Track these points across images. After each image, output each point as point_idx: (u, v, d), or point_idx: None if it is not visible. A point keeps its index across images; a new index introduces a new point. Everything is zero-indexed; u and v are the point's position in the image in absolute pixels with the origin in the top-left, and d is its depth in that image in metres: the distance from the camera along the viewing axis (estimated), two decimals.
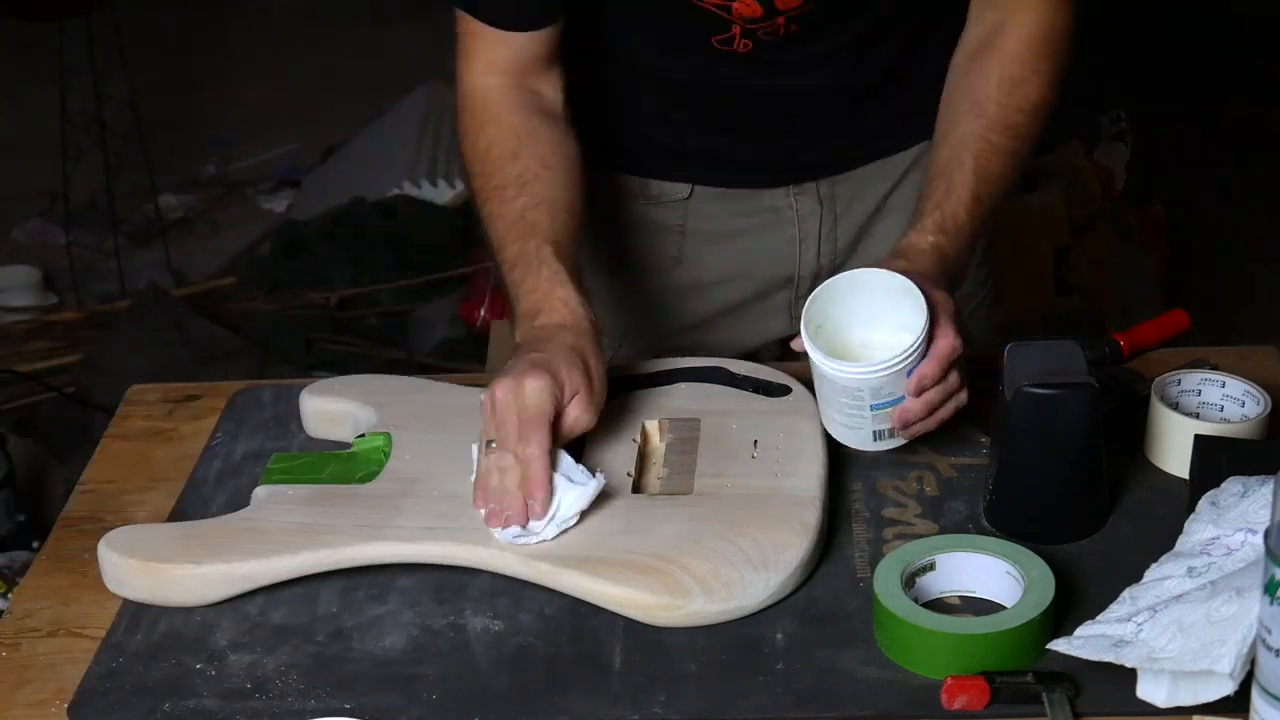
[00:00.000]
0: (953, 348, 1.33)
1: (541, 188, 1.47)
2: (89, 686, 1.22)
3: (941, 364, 1.33)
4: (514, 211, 1.46)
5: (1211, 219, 3.86)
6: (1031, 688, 1.15)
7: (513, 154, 1.49)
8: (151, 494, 1.46)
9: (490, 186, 1.48)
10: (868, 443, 1.38)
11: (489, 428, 1.32)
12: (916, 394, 1.33)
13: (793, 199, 1.66)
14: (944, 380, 1.34)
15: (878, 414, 1.35)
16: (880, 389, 1.33)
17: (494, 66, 1.51)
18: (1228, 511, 1.22)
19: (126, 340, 3.19)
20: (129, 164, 3.84)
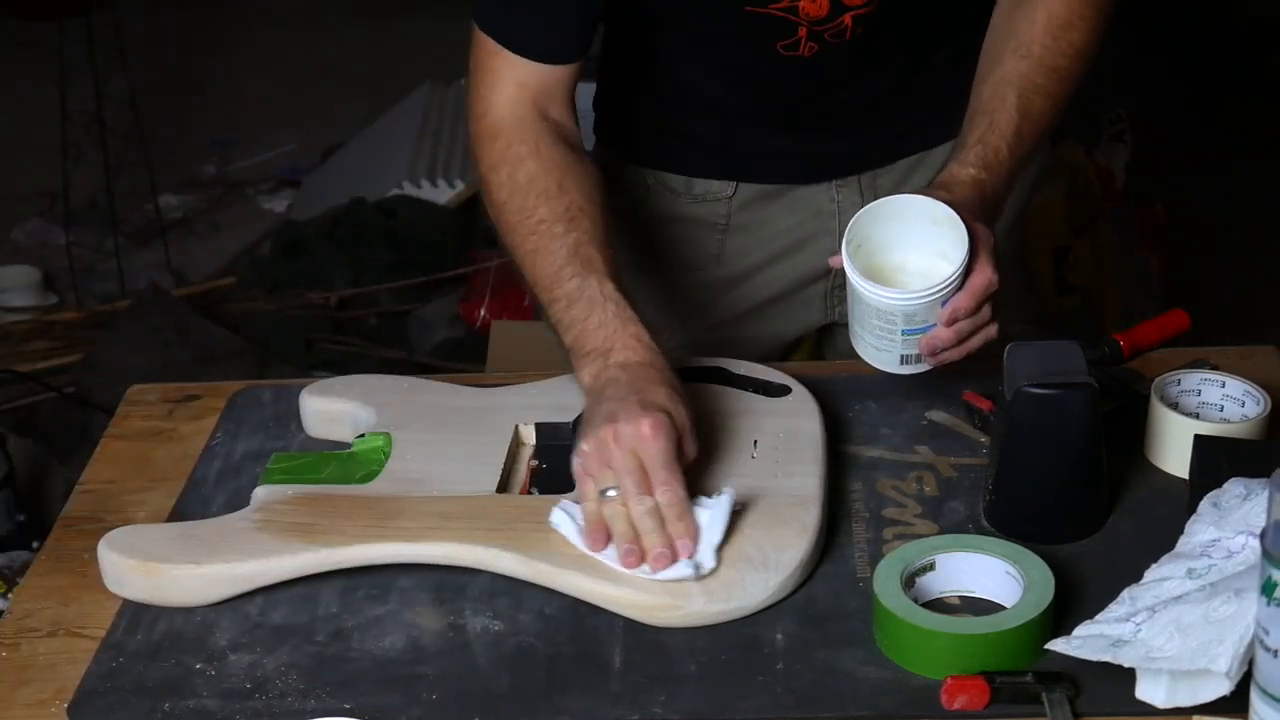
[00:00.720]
0: (989, 282, 1.34)
1: (589, 223, 1.44)
2: (89, 686, 1.22)
3: (976, 297, 1.34)
4: (567, 247, 1.42)
5: (1211, 219, 3.86)
6: (1031, 688, 1.15)
7: (559, 188, 1.45)
8: (151, 494, 1.46)
9: (534, 221, 1.45)
10: (894, 365, 1.39)
11: (603, 476, 1.28)
12: (949, 324, 1.34)
13: (835, 192, 1.66)
14: (977, 313, 1.35)
15: (908, 339, 1.36)
16: (914, 315, 1.34)
17: (523, 92, 1.49)
18: (1229, 514, 1.22)
19: (126, 340, 3.19)
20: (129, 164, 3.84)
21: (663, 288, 1.71)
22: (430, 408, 1.49)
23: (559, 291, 1.41)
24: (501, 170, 1.48)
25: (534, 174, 1.46)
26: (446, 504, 1.34)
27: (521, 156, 1.47)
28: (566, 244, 1.42)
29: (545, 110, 1.50)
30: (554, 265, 1.42)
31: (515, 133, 1.48)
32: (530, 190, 1.46)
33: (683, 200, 1.67)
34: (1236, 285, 3.63)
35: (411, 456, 1.41)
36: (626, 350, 1.37)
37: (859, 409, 1.52)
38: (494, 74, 1.49)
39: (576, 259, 1.42)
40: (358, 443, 1.45)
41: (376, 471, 1.39)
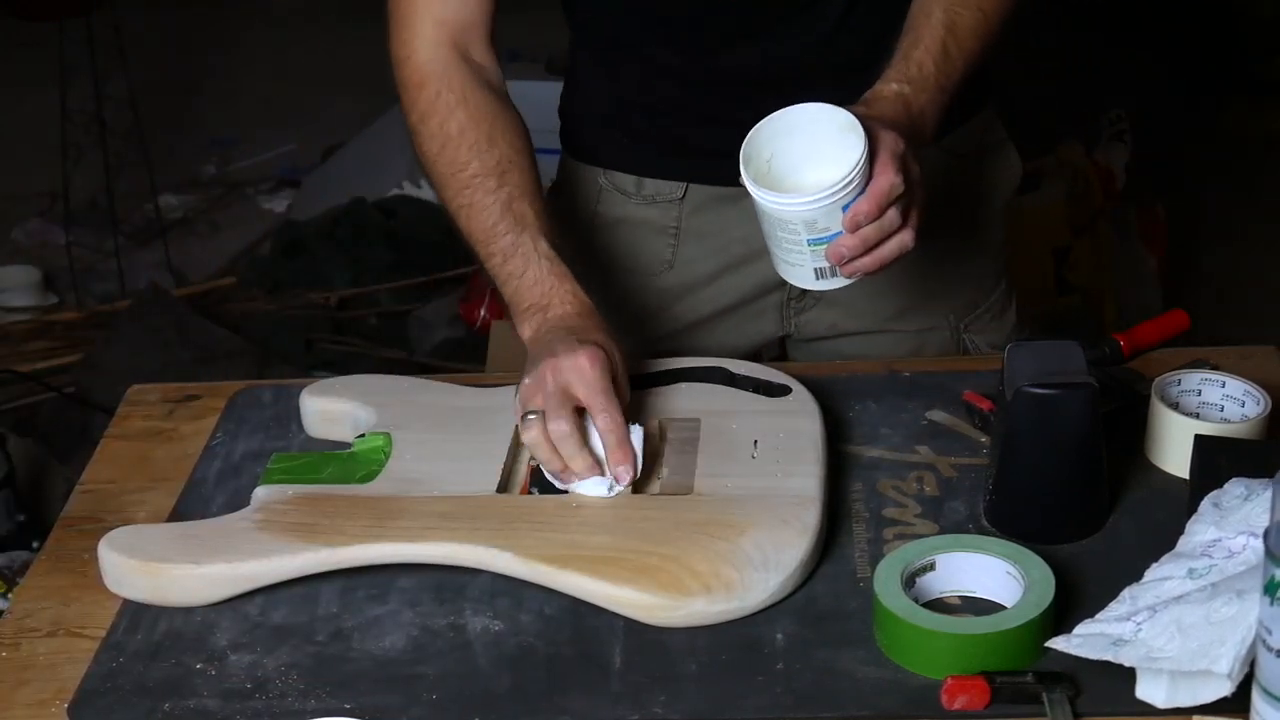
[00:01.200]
0: (890, 185, 1.30)
1: (519, 176, 1.47)
2: (89, 686, 1.22)
3: (878, 200, 1.31)
4: (500, 201, 1.45)
5: (1211, 219, 3.86)
6: (1031, 688, 1.15)
7: (489, 140, 1.47)
8: (151, 494, 1.46)
9: (466, 175, 1.47)
10: (810, 280, 1.37)
11: (533, 400, 1.34)
12: (852, 230, 1.31)
13: None
14: (881, 217, 1.31)
15: (815, 250, 1.34)
16: (815, 223, 1.32)
17: (442, 30, 1.49)
18: (1230, 514, 1.22)
19: (126, 340, 3.19)
20: (129, 164, 3.84)
21: (615, 292, 1.70)
22: (430, 408, 1.49)
23: (494, 247, 1.45)
24: (432, 121, 1.49)
25: (464, 125, 1.48)
26: (446, 504, 1.34)
27: (451, 106, 1.48)
28: (500, 199, 1.46)
29: (466, 51, 1.51)
30: (488, 220, 1.45)
31: (442, 79, 1.49)
32: (462, 143, 1.47)
33: (634, 202, 1.67)
34: (1236, 285, 3.63)
35: (411, 456, 1.41)
36: (564, 305, 1.41)
37: (859, 409, 1.52)
38: (411, 14, 1.50)
39: (510, 214, 1.45)
40: (358, 443, 1.45)
41: (376, 471, 1.39)
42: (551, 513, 1.33)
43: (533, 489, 1.39)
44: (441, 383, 1.55)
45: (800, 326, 1.73)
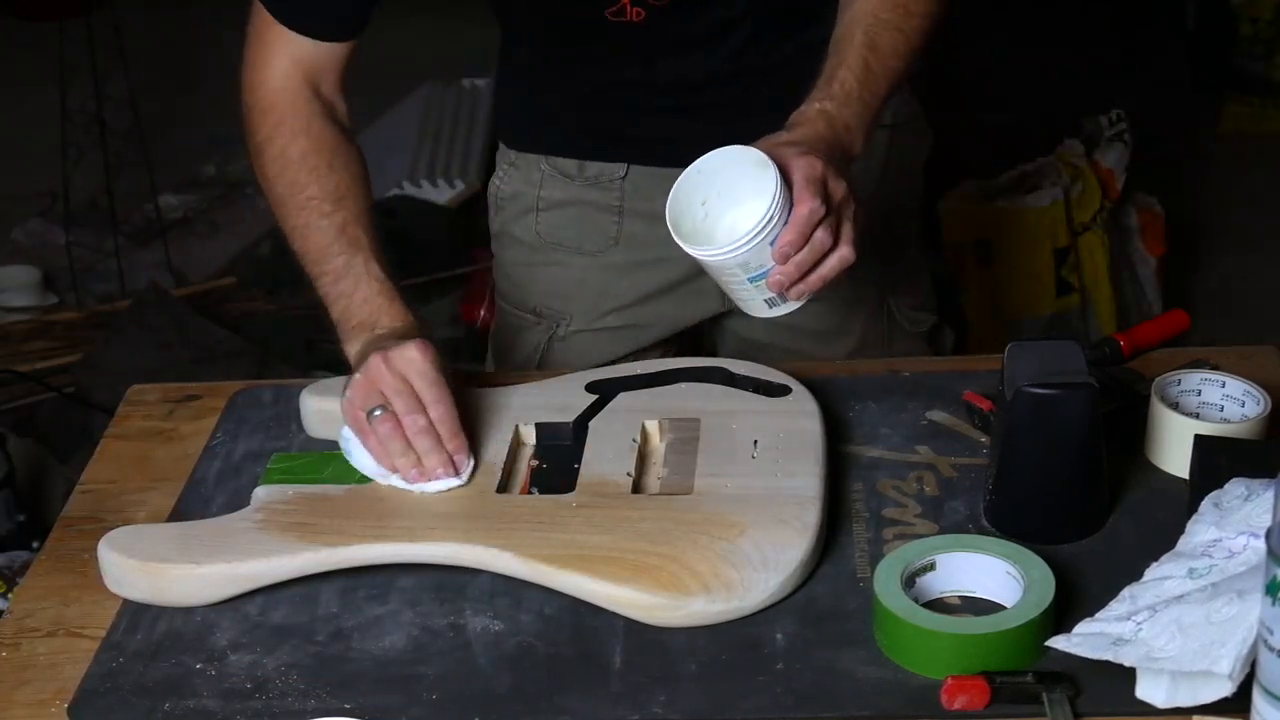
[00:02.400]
0: (810, 211, 1.33)
1: (354, 203, 1.51)
2: (89, 686, 1.22)
3: (801, 229, 1.33)
4: (334, 225, 1.49)
5: (1211, 219, 3.86)
6: (1031, 688, 1.15)
7: (329, 166, 1.52)
8: (151, 494, 1.46)
9: (304, 197, 1.51)
10: (764, 310, 1.41)
11: (371, 398, 1.36)
12: (782, 261, 1.34)
13: None
14: (806, 244, 1.34)
15: (757, 285, 1.37)
16: (748, 264, 1.35)
17: (298, 67, 1.54)
18: (1231, 514, 1.22)
19: (126, 340, 3.19)
20: (129, 164, 3.83)
21: (563, 271, 1.76)
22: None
23: (327, 266, 1.48)
24: (275, 144, 1.53)
25: (306, 151, 1.52)
26: (446, 504, 1.34)
27: (295, 132, 1.53)
28: (335, 221, 1.49)
29: (317, 87, 1.56)
30: (323, 241, 1.49)
31: (289, 108, 1.54)
32: (302, 166, 1.52)
33: (576, 184, 1.72)
34: (1236, 285, 3.63)
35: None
36: (392, 322, 1.45)
37: (859, 409, 1.52)
38: (269, 47, 1.55)
39: (344, 237, 1.49)
40: None
41: None
42: (551, 513, 1.33)
43: (533, 489, 1.40)
44: None
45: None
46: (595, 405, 1.48)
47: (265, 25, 1.54)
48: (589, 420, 1.46)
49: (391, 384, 1.36)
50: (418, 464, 1.36)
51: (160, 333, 3.17)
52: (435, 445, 1.35)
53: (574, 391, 1.50)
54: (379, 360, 1.37)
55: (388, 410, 1.35)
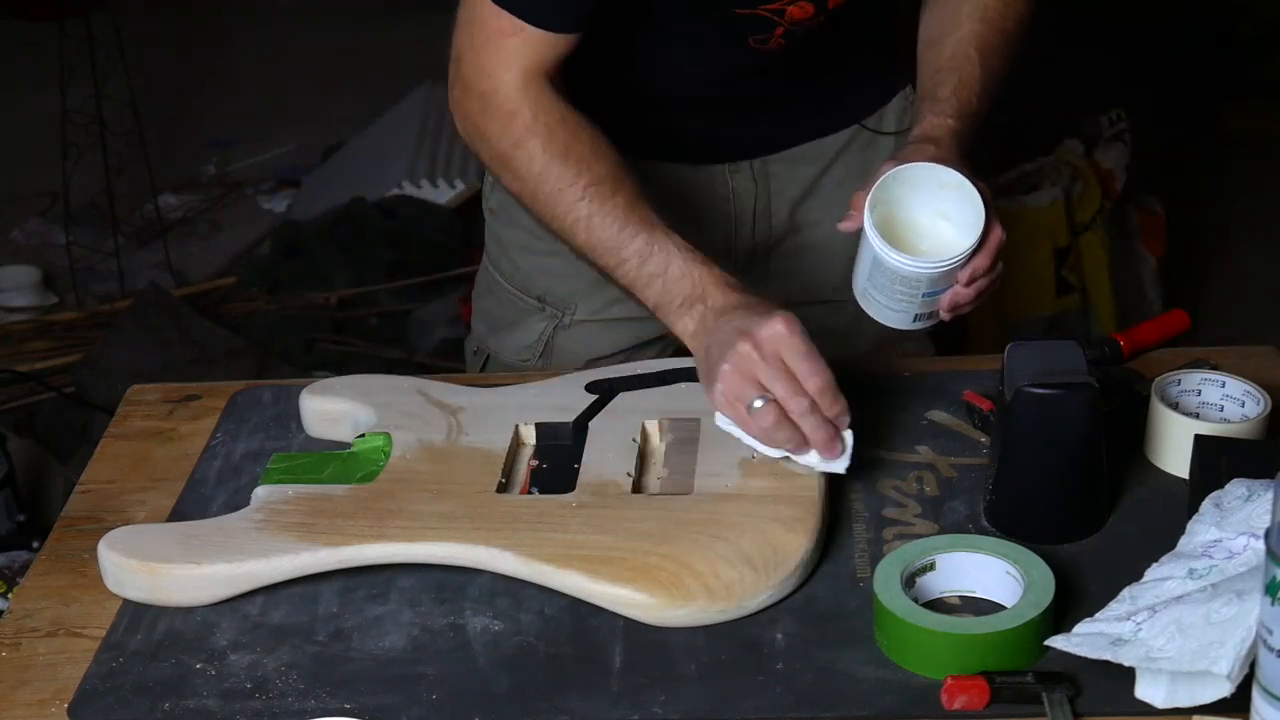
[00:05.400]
0: (1001, 240, 1.40)
1: (633, 182, 1.47)
2: (89, 686, 1.22)
3: (993, 255, 1.40)
4: (620, 207, 1.44)
5: (1211, 219, 3.86)
6: (1031, 688, 1.15)
7: (594, 152, 1.47)
8: (151, 494, 1.46)
9: (580, 186, 1.45)
10: (908, 323, 1.44)
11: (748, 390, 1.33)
12: (968, 284, 1.40)
13: (728, 176, 1.69)
14: (993, 269, 1.41)
15: (927, 300, 1.41)
16: (937, 280, 1.39)
17: (536, 66, 1.49)
18: (1231, 514, 1.22)
19: (126, 340, 3.19)
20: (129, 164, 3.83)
21: (566, 259, 1.69)
22: (430, 408, 1.49)
23: (626, 252, 1.43)
24: (529, 144, 1.47)
25: (568, 142, 1.47)
26: (446, 504, 1.34)
27: (550, 127, 1.47)
28: (619, 204, 1.44)
29: (554, 79, 1.51)
30: (614, 227, 1.44)
31: (538, 106, 1.48)
32: (569, 157, 1.46)
33: None
34: (1236, 285, 3.63)
35: (411, 456, 1.41)
36: (720, 290, 1.40)
37: (859, 409, 1.52)
38: (505, 51, 1.49)
39: (634, 216, 1.44)
40: (358, 443, 1.45)
41: (376, 472, 1.39)
42: (551, 513, 1.33)
43: (533, 489, 1.40)
44: (441, 383, 1.55)
45: None
46: (595, 405, 1.48)
47: (499, 32, 1.48)
48: (589, 420, 1.46)
49: (767, 370, 1.32)
50: (803, 441, 1.34)
51: (160, 333, 3.17)
52: (820, 422, 1.33)
53: (574, 391, 1.50)
54: (748, 346, 1.32)
55: (768, 400, 1.33)
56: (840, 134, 1.71)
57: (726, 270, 1.42)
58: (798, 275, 1.75)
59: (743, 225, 1.71)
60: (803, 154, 1.70)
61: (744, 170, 1.70)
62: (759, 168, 1.70)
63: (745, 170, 1.70)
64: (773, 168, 1.70)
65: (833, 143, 1.71)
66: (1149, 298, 3.39)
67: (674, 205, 1.69)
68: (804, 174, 1.71)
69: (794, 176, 1.70)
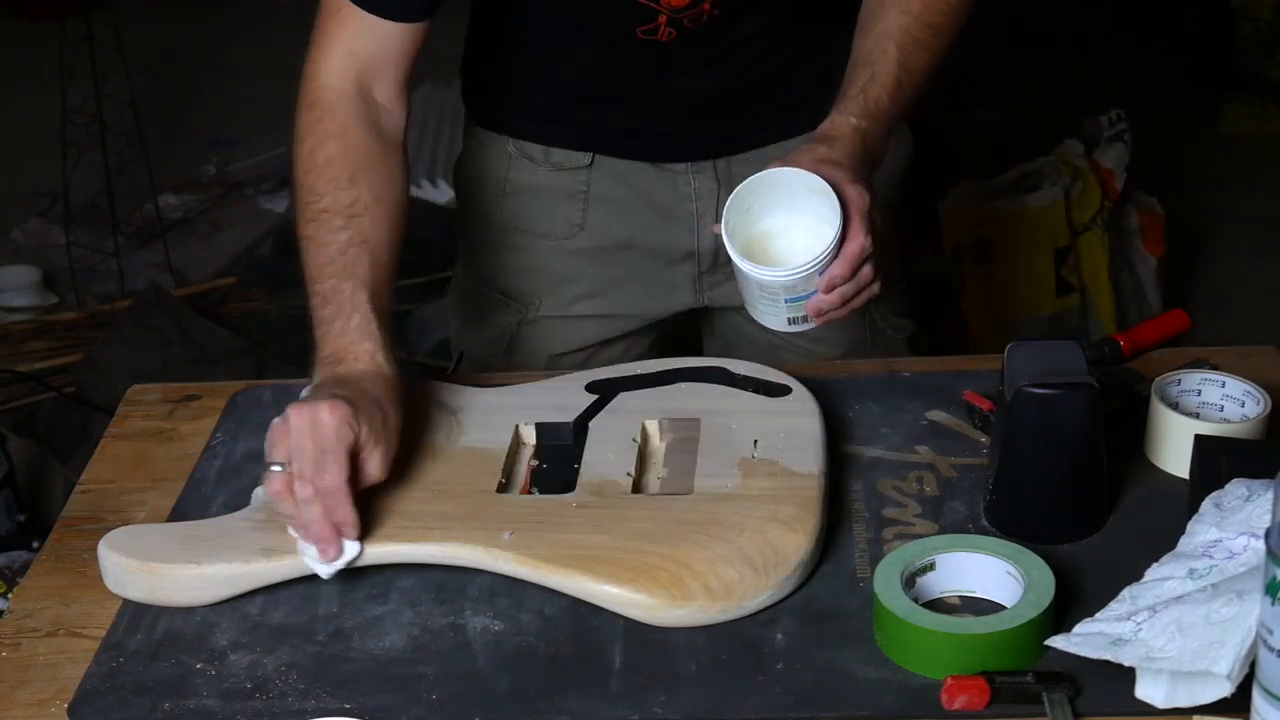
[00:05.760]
0: (861, 248, 1.38)
1: (369, 225, 1.42)
2: (89, 686, 1.22)
3: (851, 264, 1.38)
4: (336, 245, 1.41)
5: (1211, 219, 3.86)
6: (1031, 688, 1.15)
7: (350, 179, 1.43)
8: (151, 494, 1.46)
9: (317, 208, 1.43)
10: (784, 326, 1.45)
11: (277, 451, 1.27)
12: (827, 291, 1.39)
13: (690, 175, 1.70)
14: (855, 276, 1.39)
15: (792, 305, 1.42)
16: (794, 287, 1.39)
17: (353, 61, 1.46)
18: (1231, 515, 1.22)
19: (126, 340, 3.19)
20: (129, 164, 3.83)
21: (532, 256, 1.75)
22: (430, 407, 1.49)
23: (318, 286, 1.41)
24: (306, 143, 1.46)
25: (332, 157, 1.44)
26: (446, 504, 1.34)
27: (329, 134, 1.45)
28: (339, 240, 1.41)
29: (369, 88, 1.48)
30: (321, 259, 1.41)
31: (330, 108, 1.46)
32: (324, 174, 1.44)
33: (543, 169, 1.71)
34: (1236, 285, 3.63)
35: (411, 456, 1.41)
36: (356, 362, 1.36)
37: (859, 409, 1.52)
38: (328, 36, 1.47)
39: (342, 259, 1.41)
40: None
41: None
42: (551, 513, 1.33)
43: (533, 489, 1.40)
44: (441, 382, 1.55)
45: (715, 299, 1.78)
46: (595, 405, 1.48)
47: (327, 14, 1.47)
48: (589, 420, 1.46)
49: (296, 444, 1.26)
50: (306, 529, 1.27)
51: (160, 333, 3.17)
52: (319, 517, 1.25)
53: (574, 391, 1.50)
54: (293, 412, 1.27)
55: (286, 468, 1.26)
56: (804, 136, 1.67)
57: (387, 346, 1.39)
58: None
59: (706, 225, 1.71)
60: (766, 156, 1.67)
61: (706, 170, 1.70)
62: (721, 168, 1.69)
63: (707, 170, 1.70)
64: (735, 169, 1.69)
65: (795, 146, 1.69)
66: (1149, 298, 3.39)
67: (637, 205, 1.71)
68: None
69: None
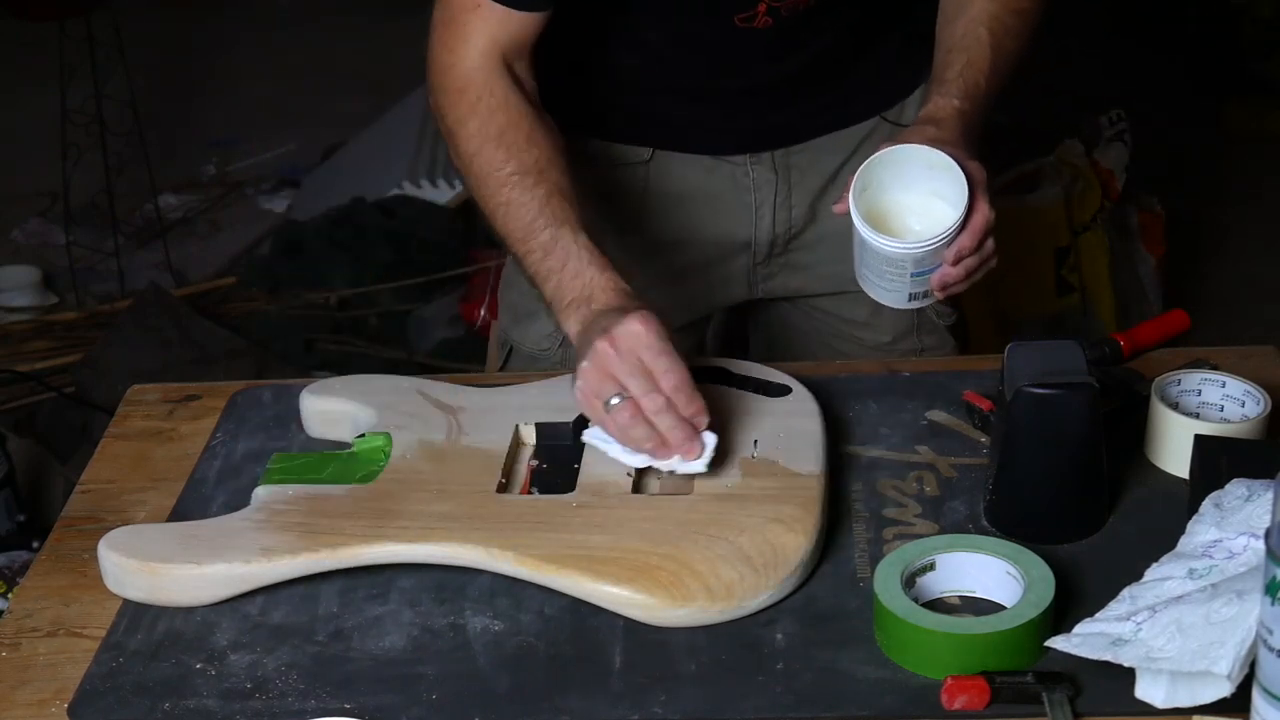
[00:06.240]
0: (987, 220, 1.42)
1: (558, 175, 1.48)
2: (89, 686, 1.22)
3: (978, 236, 1.41)
4: (538, 199, 1.46)
5: (1211, 219, 3.86)
6: (1031, 688, 1.15)
7: (528, 140, 1.49)
8: (151, 494, 1.46)
9: (505, 173, 1.48)
10: (903, 302, 1.47)
11: (606, 388, 1.33)
12: (955, 263, 1.41)
13: (749, 167, 1.70)
14: (980, 249, 1.42)
15: (916, 279, 1.43)
16: (922, 260, 1.40)
17: (496, 47, 1.51)
18: (1231, 515, 1.22)
19: (126, 340, 3.19)
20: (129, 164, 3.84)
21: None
22: (430, 408, 1.49)
23: (534, 243, 1.45)
24: (471, 123, 1.51)
25: (504, 127, 1.49)
26: (446, 504, 1.34)
27: (492, 109, 1.50)
28: (537, 196, 1.46)
29: (512, 65, 1.53)
30: (527, 217, 1.46)
31: (485, 86, 1.51)
32: (501, 143, 1.49)
33: (601, 165, 1.71)
34: (1236, 285, 3.63)
35: (411, 456, 1.41)
36: (606, 295, 1.41)
37: (859, 409, 1.52)
38: (467, 27, 1.52)
39: (548, 210, 1.46)
40: (358, 443, 1.45)
41: (376, 472, 1.39)
42: (551, 513, 1.33)
43: (533, 489, 1.40)
44: (441, 383, 1.55)
45: (769, 290, 1.79)
46: None
47: (463, 8, 1.51)
48: (589, 420, 1.45)
49: (622, 366, 1.32)
50: (663, 443, 1.34)
51: (160, 333, 3.17)
52: (676, 421, 1.33)
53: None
54: (605, 344, 1.33)
55: (625, 397, 1.33)
56: (861, 125, 1.71)
57: (625, 272, 1.44)
58: (817, 266, 1.76)
59: (763, 217, 1.72)
60: (823, 145, 1.71)
61: (765, 161, 1.70)
62: (780, 159, 1.70)
63: (766, 161, 1.70)
64: (794, 159, 1.70)
65: (854, 134, 1.71)
66: (1149, 298, 3.39)
67: (695, 199, 1.71)
68: (825, 165, 1.71)
69: (815, 168, 1.71)
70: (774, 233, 1.73)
